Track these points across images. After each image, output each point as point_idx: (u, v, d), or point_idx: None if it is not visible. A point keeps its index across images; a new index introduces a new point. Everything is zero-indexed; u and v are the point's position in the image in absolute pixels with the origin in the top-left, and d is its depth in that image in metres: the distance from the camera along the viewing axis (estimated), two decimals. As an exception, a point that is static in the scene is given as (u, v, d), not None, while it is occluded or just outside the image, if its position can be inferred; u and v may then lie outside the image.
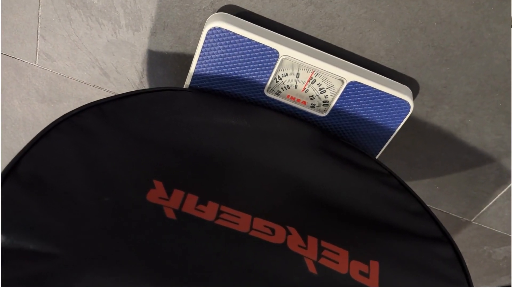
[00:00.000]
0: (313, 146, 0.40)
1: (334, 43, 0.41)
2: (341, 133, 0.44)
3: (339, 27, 0.40)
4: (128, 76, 0.47)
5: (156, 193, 0.29)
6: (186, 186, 0.30)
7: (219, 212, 0.29)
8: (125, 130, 0.34)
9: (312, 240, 0.30)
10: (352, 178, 0.39)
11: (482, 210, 0.55)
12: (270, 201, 0.33)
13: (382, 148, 0.44)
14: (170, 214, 0.28)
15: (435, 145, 0.48)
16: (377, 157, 0.45)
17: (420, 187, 0.53)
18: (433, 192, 0.54)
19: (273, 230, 0.30)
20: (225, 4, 0.40)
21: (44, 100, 0.51)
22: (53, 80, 0.48)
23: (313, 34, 0.41)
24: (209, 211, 0.29)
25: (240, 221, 0.29)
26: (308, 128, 0.42)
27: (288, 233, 0.30)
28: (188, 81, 0.41)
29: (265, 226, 0.30)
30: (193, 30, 0.42)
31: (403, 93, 0.40)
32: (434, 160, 0.50)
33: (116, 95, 0.37)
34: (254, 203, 0.32)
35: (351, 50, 0.41)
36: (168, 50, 0.44)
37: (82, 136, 0.32)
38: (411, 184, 0.53)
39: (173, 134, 0.35)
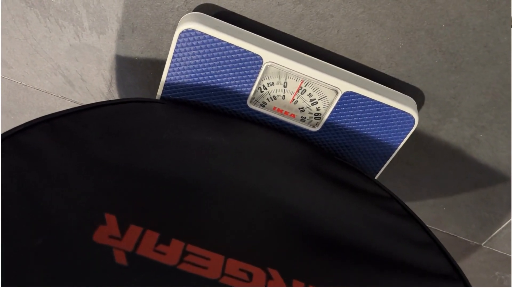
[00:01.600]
0: (303, 166, 0.35)
1: (327, 48, 0.36)
2: (335, 151, 0.39)
3: (332, 29, 0.35)
4: (95, 84, 0.42)
5: (106, 231, 0.24)
6: (146, 220, 0.25)
7: (184, 253, 0.24)
8: (79, 150, 0.29)
9: (299, 286, 0.26)
10: (348, 204, 0.34)
11: (493, 234, 0.50)
12: (249, 235, 0.28)
13: (382, 167, 0.39)
14: (121, 259, 0.23)
15: (442, 162, 0.44)
16: (376, 177, 0.41)
17: (426, 209, 0.48)
18: (440, 214, 0.49)
19: (250, 275, 0.25)
20: (202, 2, 0.35)
21: (3, 111, 0.46)
22: (12, 89, 0.44)
23: (303, 38, 0.36)
24: (172, 253, 0.24)
25: (210, 264, 0.24)
26: (298, 145, 0.37)
27: (269, 277, 0.25)
28: (159, 91, 0.37)
29: (241, 270, 0.25)
30: (166, 33, 0.37)
31: (406, 105, 0.36)
32: (441, 178, 0.45)
33: (72, 108, 0.32)
34: (229, 239, 0.27)
35: (346, 55, 0.37)
36: (139, 56, 0.39)
37: (25, 159, 0.27)
38: (415, 205, 0.48)
39: (137, 154, 0.30)
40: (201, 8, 0.35)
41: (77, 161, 0.28)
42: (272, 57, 0.33)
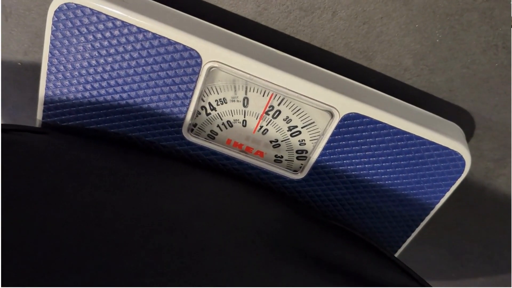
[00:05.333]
0: (277, 242, 0.21)
1: (315, 43, 0.23)
2: (332, 212, 0.25)
3: (324, 12, 0.22)
4: (-35, 105, 0.29)
5: None
6: None
7: None
8: None
9: None
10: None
11: None
12: None
13: (409, 236, 0.25)
14: None
15: (498, 226, 0.29)
16: (399, 252, 0.26)
17: (471, 291, 0.34)
18: (492, 298, 0.34)
19: None
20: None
21: None
22: None
23: (275, 26, 0.23)
24: None
25: None
26: (269, 204, 0.23)
27: None
28: (38, 113, 0.23)
29: None
30: (56, 21, 0.24)
31: (450, 137, 0.22)
32: (494, 248, 0.31)
33: None
34: None
35: (347, 55, 0.23)
36: (23, 59, 0.26)
37: None
38: (456, 285, 0.33)
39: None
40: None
41: None
42: (219, 54, 0.20)
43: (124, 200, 0.19)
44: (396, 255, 0.26)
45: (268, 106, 0.22)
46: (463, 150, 0.22)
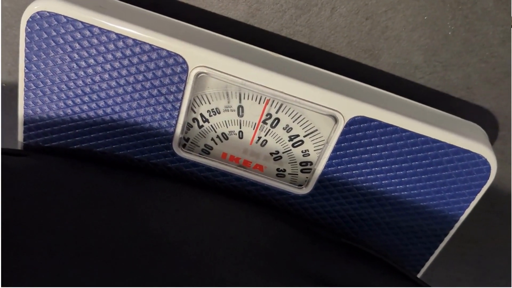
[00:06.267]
0: (281, 266, 0.19)
1: (314, 44, 0.21)
2: (344, 230, 0.22)
3: (322, 9, 0.20)
4: (-49, 131, 0.27)
5: None
6: None
7: None
8: None
9: None
10: None
11: None
12: None
13: (432, 254, 0.23)
14: None
15: (532, 237, 0.26)
16: (422, 272, 0.23)
17: (505, 312, 0.30)
18: (529, 319, 0.31)
19: None
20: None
21: None
22: None
23: (270, 28, 0.21)
24: None
25: None
26: (271, 223, 0.20)
27: None
28: (20, 135, 0.21)
29: None
30: (38, 36, 0.23)
31: (471, 138, 0.19)
32: (529, 262, 0.28)
33: None
34: None
35: (350, 55, 0.21)
36: (7, 80, 0.25)
37: None
38: (486, 306, 0.30)
39: None
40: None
41: None
42: (206, 58, 0.18)
43: (110, 223, 0.17)
44: (419, 275, 0.23)
45: (264, 114, 0.19)
46: (487, 153, 0.19)
